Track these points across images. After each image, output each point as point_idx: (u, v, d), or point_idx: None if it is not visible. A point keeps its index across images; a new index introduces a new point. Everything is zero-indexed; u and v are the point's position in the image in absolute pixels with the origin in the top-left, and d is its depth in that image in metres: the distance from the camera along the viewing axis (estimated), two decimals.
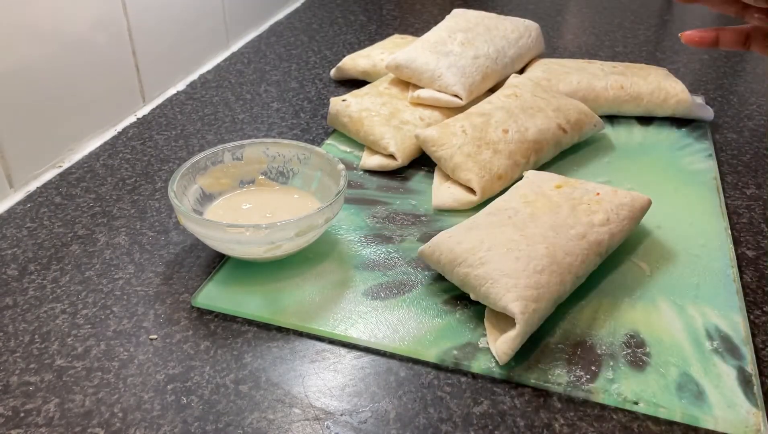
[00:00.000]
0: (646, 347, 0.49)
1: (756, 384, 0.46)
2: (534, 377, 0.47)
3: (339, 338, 0.50)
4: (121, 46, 0.78)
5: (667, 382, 0.46)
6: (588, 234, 0.53)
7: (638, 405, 0.45)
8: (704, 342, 0.49)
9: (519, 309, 0.47)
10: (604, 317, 0.52)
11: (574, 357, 0.48)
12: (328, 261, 0.57)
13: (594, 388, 0.46)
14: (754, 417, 0.44)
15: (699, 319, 0.52)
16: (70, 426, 0.44)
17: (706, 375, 0.47)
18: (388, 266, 0.57)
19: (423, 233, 0.61)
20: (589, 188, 0.58)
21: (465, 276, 0.50)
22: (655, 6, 1.22)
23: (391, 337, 0.50)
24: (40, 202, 0.66)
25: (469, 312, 0.52)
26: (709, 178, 0.69)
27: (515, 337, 0.46)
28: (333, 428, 0.44)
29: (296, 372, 0.47)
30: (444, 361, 0.48)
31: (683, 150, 0.74)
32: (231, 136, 0.77)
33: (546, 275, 0.49)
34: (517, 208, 0.55)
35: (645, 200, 0.58)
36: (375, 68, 0.86)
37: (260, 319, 0.51)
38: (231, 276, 0.55)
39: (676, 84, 0.79)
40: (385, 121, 0.71)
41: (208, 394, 0.46)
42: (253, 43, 1.02)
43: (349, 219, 0.62)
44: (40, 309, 0.53)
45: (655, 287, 0.55)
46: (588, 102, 0.78)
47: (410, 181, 0.69)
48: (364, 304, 0.53)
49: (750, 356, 0.48)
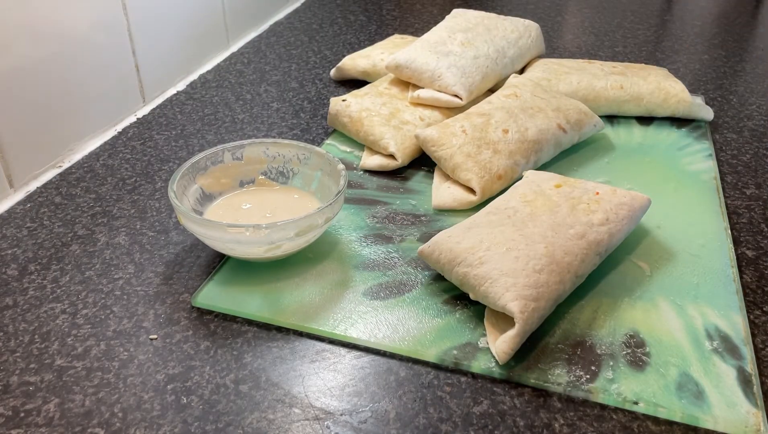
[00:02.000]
0: (646, 347, 0.49)
1: (756, 384, 0.46)
2: (534, 377, 0.47)
3: (339, 338, 0.50)
4: (121, 46, 0.78)
5: (666, 382, 0.46)
6: (587, 233, 0.53)
7: (638, 405, 0.45)
8: (704, 342, 0.49)
9: (518, 309, 0.47)
10: (604, 317, 0.52)
11: (573, 357, 0.48)
12: (328, 261, 0.57)
13: (594, 388, 0.46)
14: (754, 417, 0.44)
15: (699, 319, 0.52)
16: (70, 426, 0.44)
17: (706, 375, 0.47)
18: (388, 266, 0.57)
19: (423, 233, 0.61)
20: (588, 187, 0.58)
21: (464, 276, 0.50)
22: (655, 6, 1.22)
23: (391, 337, 0.50)
24: (40, 202, 0.66)
25: (469, 312, 0.52)
26: (708, 177, 0.69)
27: (514, 337, 0.46)
28: (333, 428, 0.44)
29: (296, 372, 0.48)
30: (444, 361, 0.48)
31: (683, 150, 0.74)
32: (231, 136, 0.77)
33: (545, 274, 0.49)
34: (517, 208, 0.55)
35: (644, 199, 0.58)
36: (375, 68, 0.86)
37: (260, 319, 0.52)
38: (231, 276, 0.55)
39: (676, 84, 0.79)
40: (385, 121, 0.71)
41: (208, 394, 0.46)
42: (253, 43, 1.02)
43: (349, 219, 0.62)
44: (40, 309, 0.53)
45: (655, 287, 0.55)
46: (588, 102, 0.78)
47: (410, 180, 0.69)
48: (364, 304, 0.53)
49: (750, 356, 0.48)
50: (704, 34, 1.09)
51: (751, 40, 1.08)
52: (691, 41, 1.06)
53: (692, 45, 1.04)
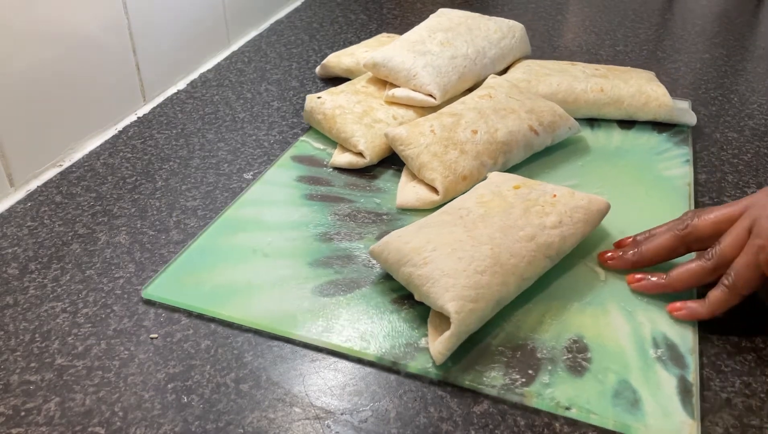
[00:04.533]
0: (588, 352, 0.48)
1: (695, 395, 0.45)
2: (469, 379, 0.46)
3: (282, 334, 0.50)
4: (121, 45, 0.78)
5: (604, 389, 0.46)
6: (537, 235, 0.52)
7: (570, 411, 0.44)
8: (648, 350, 0.48)
9: (455, 309, 0.46)
10: (551, 321, 0.51)
11: (512, 361, 0.48)
12: (282, 256, 0.57)
13: (527, 392, 0.45)
14: (689, 428, 0.43)
15: (647, 326, 0.50)
16: (70, 425, 0.44)
17: (646, 383, 0.46)
18: (342, 263, 0.57)
19: (382, 232, 0.61)
20: (547, 190, 0.57)
21: (409, 276, 0.50)
22: (656, 5, 1.22)
23: (335, 335, 0.50)
24: (41, 201, 0.65)
25: (415, 312, 0.52)
26: (682, 183, 0.67)
27: (450, 337, 0.46)
28: (333, 427, 0.44)
29: (297, 371, 0.48)
30: (382, 360, 0.48)
31: (660, 155, 0.73)
32: (231, 135, 0.77)
33: (487, 276, 0.48)
34: (471, 208, 0.55)
35: (603, 203, 0.57)
36: (358, 66, 0.85)
37: (200, 311, 0.52)
38: (187, 267, 0.56)
39: (657, 88, 0.77)
40: (358, 119, 0.71)
41: (209, 393, 0.46)
42: (253, 41, 1.01)
43: (311, 216, 0.63)
44: (40, 308, 0.53)
45: (608, 292, 0.54)
46: (567, 104, 0.77)
47: (378, 179, 0.69)
48: (311, 301, 0.53)
49: (694, 365, 0.47)
50: (705, 33, 1.08)
51: (752, 39, 1.07)
52: (692, 40, 1.05)
53: (693, 44, 1.04)
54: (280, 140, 0.75)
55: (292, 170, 0.70)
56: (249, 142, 0.75)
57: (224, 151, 0.73)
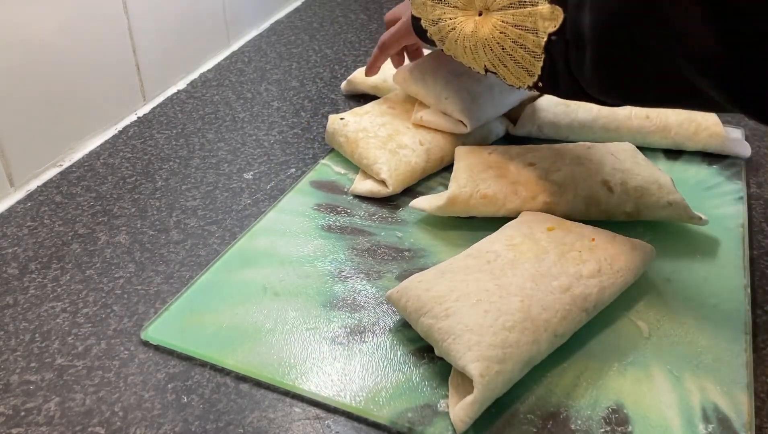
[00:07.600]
0: (629, 425, 0.43)
1: None
2: None
3: (286, 388, 0.46)
4: (121, 45, 0.78)
5: None
6: (573, 286, 0.47)
7: None
8: (698, 425, 0.43)
9: (478, 371, 0.41)
10: (587, 384, 0.46)
11: (543, 431, 0.43)
12: (295, 296, 0.53)
13: None
14: None
15: (696, 395, 0.45)
16: (70, 425, 0.43)
17: None
18: (357, 307, 0.52)
19: (403, 271, 0.56)
20: (585, 233, 0.52)
21: (429, 328, 0.45)
22: None
23: (343, 391, 0.45)
24: (41, 201, 0.65)
25: (435, 367, 0.47)
26: (735, 225, 0.61)
27: (473, 403, 0.41)
28: (333, 427, 0.43)
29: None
30: (396, 424, 0.43)
31: (710, 190, 0.65)
32: (231, 135, 0.77)
33: (516, 333, 0.44)
34: (499, 252, 0.50)
35: (646, 248, 0.52)
36: (386, 83, 0.80)
37: (207, 359, 0.48)
38: (189, 306, 0.52)
39: (709, 115, 0.70)
40: (382, 144, 0.66)
41: (209, 393, 0.46)
42: (253, 41, 1.01)
43: (327, 249, 0.58)
44: (40, 308, 0.53)
45: (652, 352, 0.48)
46: (609, 132, 0.70)
47: (401, 209, 0.63)
48: (322, 349, 0.48)
49: None
50: None
51: None
52: None
53: None
54: (281, 140, 0.75)
55: (310, 197, 0.65)
56: (249, 142, 0.75)
57: (224, 151, 0.73)
